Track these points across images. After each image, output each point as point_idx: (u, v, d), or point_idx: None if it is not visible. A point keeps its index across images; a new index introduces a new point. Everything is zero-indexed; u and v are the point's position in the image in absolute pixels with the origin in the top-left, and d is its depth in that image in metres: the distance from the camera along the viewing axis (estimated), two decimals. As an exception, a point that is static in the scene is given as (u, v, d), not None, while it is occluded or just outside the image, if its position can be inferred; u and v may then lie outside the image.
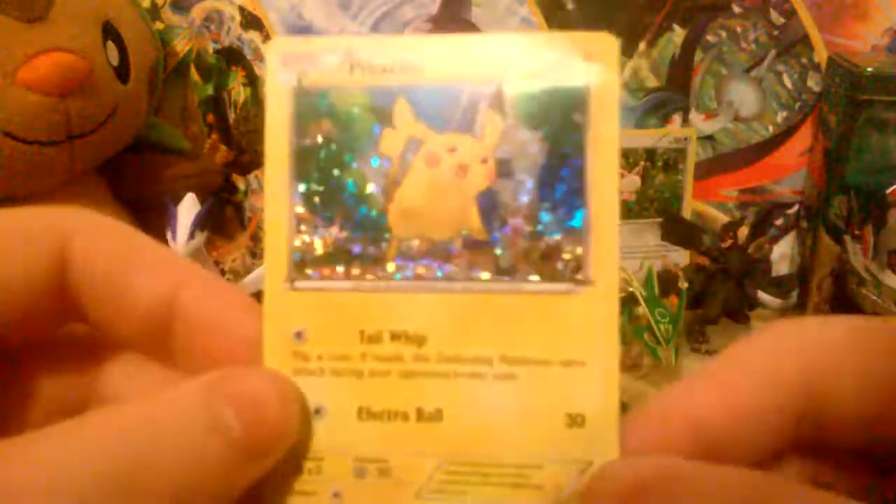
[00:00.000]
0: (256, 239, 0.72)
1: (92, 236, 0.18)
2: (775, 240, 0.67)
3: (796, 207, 0.67)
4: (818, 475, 0.18)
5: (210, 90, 0.69)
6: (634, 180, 0.63)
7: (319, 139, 0.18)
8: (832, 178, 0.59)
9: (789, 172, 0.66)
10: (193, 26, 0.68)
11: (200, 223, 0.51)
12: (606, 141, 0.17)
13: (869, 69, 0.56)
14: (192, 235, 0.50)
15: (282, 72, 0.18)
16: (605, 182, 0.17)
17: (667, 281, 0.55)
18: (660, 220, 0.60)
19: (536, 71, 0.17)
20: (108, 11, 0.57)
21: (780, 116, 0.65)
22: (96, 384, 0.19)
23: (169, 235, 0.51)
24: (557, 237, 0.17)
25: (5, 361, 0.18)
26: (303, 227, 0.18)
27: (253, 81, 0.69)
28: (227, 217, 0.72)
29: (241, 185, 0.72)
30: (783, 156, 0.66)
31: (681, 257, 0.65)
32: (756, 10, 0.63)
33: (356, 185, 0.18)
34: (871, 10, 0.61)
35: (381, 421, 0.18)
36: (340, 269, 0.18)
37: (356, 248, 0.18)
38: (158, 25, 0.67)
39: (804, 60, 0.63)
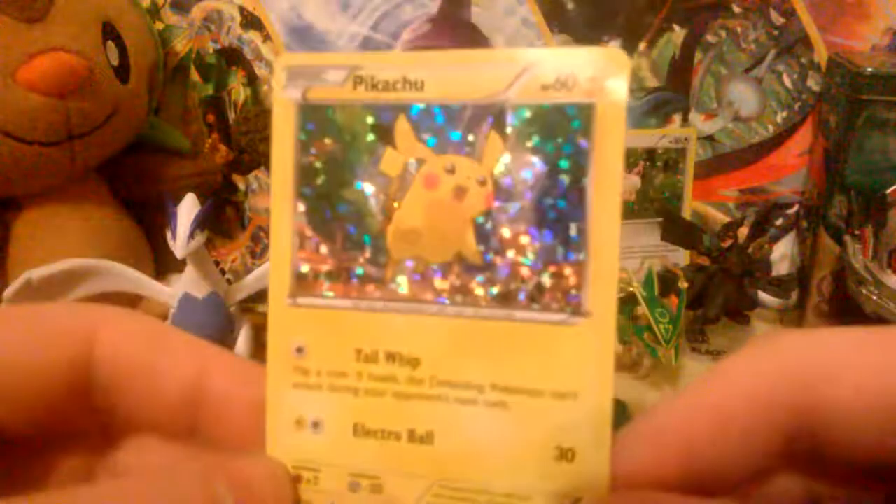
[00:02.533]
0: (256, 239, 0.72)
1: (118, 335, 0.19)
2: (775, 240, 0.67)
3: (796, 207, 0.67)
4: (814, 490, 0.18)
5: (210, 90, 0.69)
6: (634, 180, 0.63)
7: (322, 156, 0.18)
8: (832, 178, 0.59)
9: (789, 172, 0.66)
10: (193, 26, 0.68)
11: (200, 223, 0.51)
12: (610, 166, 0.16)
13: (869, 69, 0.56)
14: (192, 235, 0.50)
15: (288, 86, 0.18)
16: (607, 210, 0.17)
17: (667, 281, 0.55)
18: (660, 220, 0.60)
19: (541, 88, 0.17)
20: (108, 11, 0.57)
21: (780, 116, 0.65)
22: (112, 463, 0.20)
23: (169, 235, 0.51)
24: (555, 265, 0.17)
25: (17, 441, 0.19)
26: (305, 244, 0.18)
27: (253, 81, 0.69)
28: (227, 217, 0.72)
29: (241, 185, 0.72)
30: (783, 156, 0.66)
31: (681, 257, 0.65)
32: (756, 10, 0.63)
33: (357, 205, 0.18)
34: (871, 10, 0.61)
35: (375, 439, 0.18)
36: (340, 287, 0.18)
37: (356, 268, 0.18)
38: (158, 25, 0.67)
39: (804, 60, 0.63)
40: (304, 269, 0.18)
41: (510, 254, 0.17)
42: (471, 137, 0.17)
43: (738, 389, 0.17)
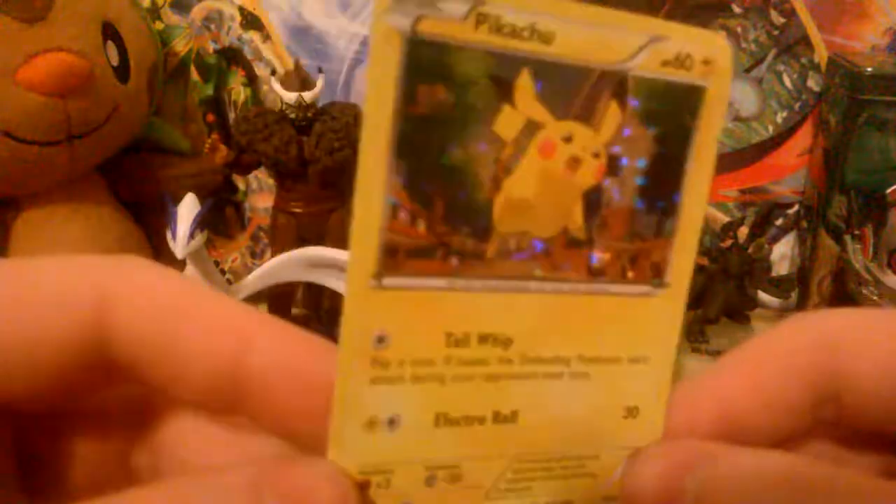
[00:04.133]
0: (256, 239, 0.72)
1: (136, 297, 0.16)
2: (775, 240, 0.67)
3: (796, 207, 0.67)
4: (839, 458, 0.18)
5: (210, 90, 0.69)
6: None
7: (429, 106, 0.15)
8: (832, 178, 0.59)
9: (789, 172, 0.66)
10: (193, 26, 0.68)
11: (200, 223, 0.51)
12: (709, 147, 0.17)
13: (869, 69, 0.56)
14: (192, 235, 0.50)
15: (393, 10, 0.14)
16: (700, 188, 0.17)
17: (667, 281, 0.55)
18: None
19: (661, 63, 0.16)
20: (108, 11, 0.57)
21: (780, 116, 0.65)
22: (149, 448, 0.18)
23: (169, 235, 0.51)
24: (649, 240, 0.17)
25: (49, 422, 0.17)
26: (399, 215, 0.15)
27: (253, 81, 0.69)
28: (227, 217, 0.72)
29: (241, 185, 0.71)
30: (783, 156, 0.66)
31: (681, 257, 0.65)
32: (756, 10, 0.63)
33: (464, 169, 0.15)
34: (871, 10, 0.61)
35: (457, 427, 0.16)
36: (436, 264, 0.15)
37: (455, 242, 0.16)
38: (158, 25, 0.67)
39: (804, 60, 0.63)
40: (395, 244, 0.15)
41: (612, 228, 0.17)
42: (591, 105, 0.16)
43: (773, 354, 0.17)
